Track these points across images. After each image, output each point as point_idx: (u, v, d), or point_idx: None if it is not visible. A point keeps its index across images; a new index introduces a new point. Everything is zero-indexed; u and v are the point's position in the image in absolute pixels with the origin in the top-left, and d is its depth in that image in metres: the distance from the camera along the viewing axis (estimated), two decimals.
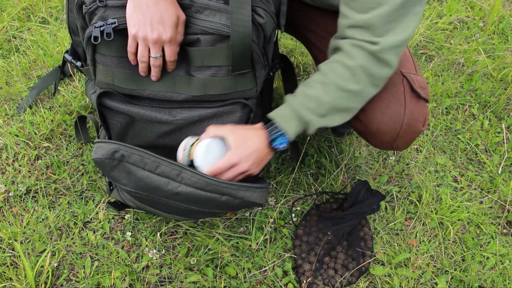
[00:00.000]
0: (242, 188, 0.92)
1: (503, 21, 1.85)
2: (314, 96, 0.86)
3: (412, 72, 0.94)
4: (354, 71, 0.84)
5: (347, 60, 0.84)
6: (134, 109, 0.89)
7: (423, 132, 1.04)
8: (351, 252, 1.09)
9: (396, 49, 0.82)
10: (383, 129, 0.92)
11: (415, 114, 0.91)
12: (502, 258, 1.15)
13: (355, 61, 0.83)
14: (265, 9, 0.84)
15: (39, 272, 1.03)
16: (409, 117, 0.91)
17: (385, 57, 0.82)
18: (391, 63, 0.83)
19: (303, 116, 0.87)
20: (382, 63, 0.83)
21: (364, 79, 0.84)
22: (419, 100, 0.93)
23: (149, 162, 0.89)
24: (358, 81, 0.84)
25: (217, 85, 0.85)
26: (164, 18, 0.76)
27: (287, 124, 0.88)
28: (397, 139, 0.94)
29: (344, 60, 0.84)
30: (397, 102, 0.91)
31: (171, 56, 0.81)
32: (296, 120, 0.88)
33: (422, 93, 0.92)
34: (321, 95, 0.86)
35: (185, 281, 1.04)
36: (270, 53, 0.93)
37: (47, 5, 1.74)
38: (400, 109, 0.90)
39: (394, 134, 0.92)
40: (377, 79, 0.85)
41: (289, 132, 0.88)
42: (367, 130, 0.95)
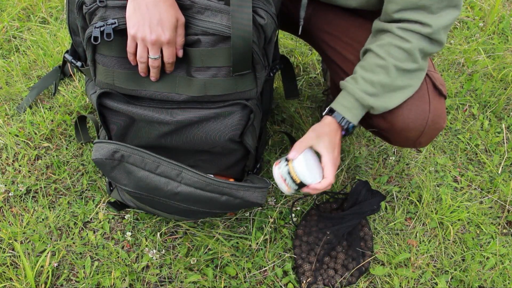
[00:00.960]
0: (242, 188, 0.92)
1: (503, 21, 1.86)
2: (376, 81, 0.91)
3: (432, 70, 0.97)
4: (412, 52, 0.88)
5: (403, 43, 0.88)
6: (134, 109, 0.88)
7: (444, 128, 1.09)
8: (351, 252, 1.09)
9: (447, 28, 0.88)
10: (409, 126, 0.94)
11: (438, 110, 0.94)
12: (502, 258, 1.15)
13: (410, 44, 0.88)
14: (266, 10, 0.84)
15: (39, 272, 1.03)
16: (433, 113, 0.93)
17: (437, 37, 0.87)
18: (442, 41, 0.89)
19: (367, 104, 0.92)
20: (435, 43, 0.89)
21: (419, 58, 0.89)
22: (441, 97, 0.96)
23: (149, 162, 0.89)
24: (415, 60, 0.89)
25: (217, 86, 0.85)
26: (163, 19, 0.76)
27: (352, 115, 0.93)
28: (421, 136, 0.96)
29: (399, 43, 0.89)
30: (422, 100, 0.93)
31: (169, 58, 0.81)
32: (360, 109, 0.93)
33: (443, 90, 0.96)
34: (383, 79, 0.90)
35: (185, 281, 1.04)
36: (270, 54, 0.93)
37: (47, 5, 1.74)
38: (425, 106, 0.93)
39: (420, 131, 0.95)
40: (429, 55, 0.91)
41: (355, 121, 0.94)
42: (392, 127, 0.97)
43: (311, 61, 1.61)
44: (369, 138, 1.39)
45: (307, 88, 1.52)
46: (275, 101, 1.45)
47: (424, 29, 0.87)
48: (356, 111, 0.93)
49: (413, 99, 0.93)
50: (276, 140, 1.35)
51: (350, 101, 0.93)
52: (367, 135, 1.39)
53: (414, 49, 0.88)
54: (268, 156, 1.31)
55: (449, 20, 0.87)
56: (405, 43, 0.88)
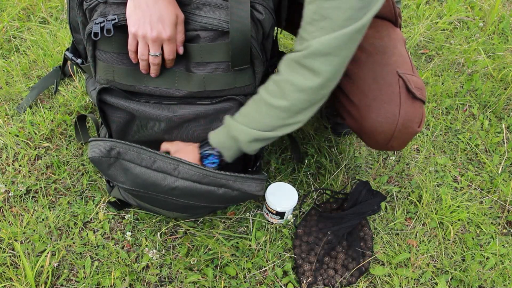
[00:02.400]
0: (239, 179, 0.92)
1: (503, 21, 1.86)
2: (246, 113, 0.86)
3: (409, 73, 0.93)
4: (280, 85, 0.81)
5: (277, 76, 0.83)
6: (134, 105, 0.89)
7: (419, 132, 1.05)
8: (351, 252, 1.09)
9: (324, 56, 0.76)
10: (377, 129, 0.92)
11: (410, 114, 0.90)
12: (502, 258, 1.15)
13: (280, 76, 0.81)
14: (264, 5, 0.84)
15: (39, 272, 1.03)
16: (404, 117, 0.90)
17: (309, 63, 0.77)
18: (318, 70, 0.77)
19: (233, 135, 0.87)
20: (307, 70, 0.78)
21: (292, 95, 0.81)
22: (415, 101, 0.92)
23: (146, 157, 0.89)
24: (285, 97, 0.81)
25: (217, 81, 0.85)
26: (163, 17, 0.77)
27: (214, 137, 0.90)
28: (391, 139, 0.93)
29: (275, 76, 0.83)
30: (392, 103, 0.90)
31: (170, 55, 0.82)
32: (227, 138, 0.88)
33: (418, 93, 0.91)
34: (254, 113, 0.85)
35: (185, 281, 1.04)
36: (269, 49, 0.94)
37: (47, 5, 1.74)
38: (395, 109, 0.90)
39: (389, 134, 0.92)
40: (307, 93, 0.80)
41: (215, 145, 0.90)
42: (361, 129, 0.95)
43: None
44: None
45: None
46: None
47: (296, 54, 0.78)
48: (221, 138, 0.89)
49: (383, 102, 0.90)
50: (276, 140, 1.35)
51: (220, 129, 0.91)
52: None
53: (281, 81, 0.81)
54: (268, 156, 1.31)
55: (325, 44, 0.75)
56: (277, 75, 0.82)
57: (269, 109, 0.83)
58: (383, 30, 0.99)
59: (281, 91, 0.81)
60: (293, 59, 0.79)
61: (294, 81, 0.80)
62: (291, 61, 0.80)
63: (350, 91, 0.95)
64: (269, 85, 0.84)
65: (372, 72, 0.93)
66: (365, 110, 0.91)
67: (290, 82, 0.80)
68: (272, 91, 0.83)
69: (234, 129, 0.87)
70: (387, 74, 0.91)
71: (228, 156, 0.91)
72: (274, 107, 0.83)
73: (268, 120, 0.84)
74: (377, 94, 0.90)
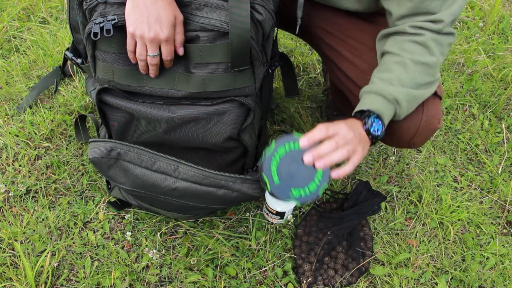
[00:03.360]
0: (239, 181, 0.92)
1: (503, 21, 1.86)
2: (394, 77, 0.86)
3: None
4: (427, 44, 0.87)
5: (417, 37, 0.87)
6: (134, 105, 0.89)
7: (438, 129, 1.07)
8: (351, 252, 1.09)
9: (455, 21, 0.87)
10: (402, 126, 0.93)
11: (432, 111, 0.93)
12: (502, 258, 1.15)
13: (424, 36, 0.86)
14: (264, 6, 0.84)
15: (39, 272, 1.03)
16: (427, 114, 0.92)
17: (448, 30, 0.87)
18: (453, 32, 0.88)
19: (389, 94, 0.84)
20: (446, 35, 0.88)
21: (436, 50, 0.87)
22: (435, 98, 0.94)
23: (146, 158, 0.89)
24: (432, 53, 0.87)
25: (216, 81, 0.85)
26: (161, 17, 0.77)
27: (373, 103, 0.85)
28: (415, 136, 0.95)
29: (413, 38, 0.87)
30: None
31: (167, 55, 0.82)
32: (382, 99, 0.85)
33: (438, 90, 0.94)
34: (401, 74, 0.86)
35: (185, 281, 1.04)
36: (269, 50, 0.94)
37: (47, 5, 1.74)
38: (419, 106, 0.92)
39: (413, 131, 0.94)
40: (445, 48, 0.89)
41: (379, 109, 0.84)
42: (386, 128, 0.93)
43: (311, 61, 1.61)
44: None
45: (307, 88, 1.52)
46: (275, 102, 1.44)
47: (435, 26, 0.86)
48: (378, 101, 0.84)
49: None
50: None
51: (368, 97, 0.86)
52: None
53: (428, 40, 0.86)
54: None
55: (455, 11, 0.86)
56: (418, 36, 0.87)
57: (419, 66, 0.87)
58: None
59: (427, 49, 0.86)
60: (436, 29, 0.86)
61: (438, 39, 0.87)
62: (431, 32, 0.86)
63: None
64: (408, 46, 0.87)
65: None
66: None
67: (436, 40, 0.87)
68: (417, 51, 0.87)
69: (390, 91, 0.85)
70: None
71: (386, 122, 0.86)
72: (423, 63, 0.87)
73: (419, 77, 0.87)
74: None
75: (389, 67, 0.87)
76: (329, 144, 0.79)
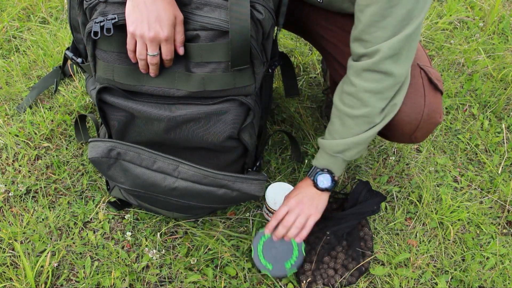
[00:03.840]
0: (239, 180, 0.92)
1: (503, 21, 1.86)
2: (335, 131, 0.95)
3: (428, 65, 0.97)
4: (359, 96, 0.89)
5: (349, 87, 0.90)
6: (134, 105, 0.88)
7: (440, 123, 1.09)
8: (351, 252, 1.09)
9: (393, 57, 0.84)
10: (404, 119, 0.94)
11: (434, 105, 0.94)
12: (502, 258, 1.15)
13: (355, 87, 0.89)
14: (264, 5, 0.84)
15: (39, 272, 1.03)
16: (428, 107, 0.93)
17: (382, 68, 0.85)
18: (390, 72, 0.86)
19: (330, 149, 0.97)
20: (380, 75, 0.86)
21: (371, 99, 0.89)
22: (436, 92, 0.95)
23: (146, 158, 0.89)
24: (366, 105, 0.89)
25: (216, 81, 0.85)
26: (161, 17, 0.77)
27: (318, 160, 1.00)
28: (416, 130, 0.96)
29: (347, 88, 0.91)
30: (417, 93, 0.93)
31: (167, 55, 0.82)
32: (326, 154, 0.98)
33: (439, 85, 0.95)
34: (339, 128, 0.94)
35: (185, 281, 1.04)
36: (269, 49, 0.93)
37: (47, 5, 1.74)
38: (420, 100, 0.93)
39: (415, 125, 0.95)
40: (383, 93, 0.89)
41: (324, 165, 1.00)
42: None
43: (311, 61, 1.61)
44: None
45: (307, 88, 1.52)
46: (275, 102, 1.44)
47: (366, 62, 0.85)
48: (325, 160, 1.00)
49: (408, 93, 0.93)
50: (276, 140, 1.35)
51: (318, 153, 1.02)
52: None
53: (359, 93, 0.88)
54: (268, 156, 1.31)
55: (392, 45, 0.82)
56: (351, 87, 0.90)
57: (354, 119, 0.91)
58: None
59: (359, 100, 0.89)
60: (364, 67, 0.86)
61: (369, 87, 0.87)
62: (362, 71, 0.87)
63: None
64: (345, 99, 0.92)
65: None
66: None
67: (366, 89, 0.87)
68: (351, 104, 0.91)
69: (331, 146, 0.96)
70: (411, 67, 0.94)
71: (337, 171, 1.00)
72: (357, 116, 0.91)
73: (357, 128, 0.92)
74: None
75: (332, 119, 0.97)
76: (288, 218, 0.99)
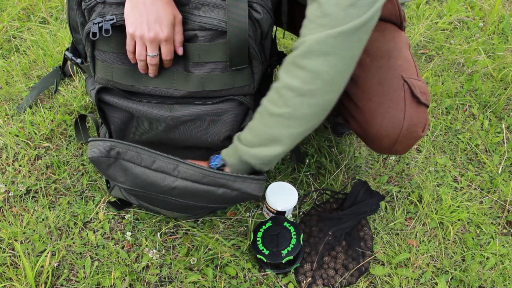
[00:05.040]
0: (239, 179, 0.92)
1: (503, 21, 1.86)
2: (252, 127, 0.86)
3: (414, 77, 0.93)
4: (280, 91, 0.79)
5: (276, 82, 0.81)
6: (133, 105, 0.89)
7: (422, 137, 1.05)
8: (351, 252, 1.09)
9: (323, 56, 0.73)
10: (382, 133, 0.92)
11: (414, 119, 0.90)
12: (502, 258, 1.15)
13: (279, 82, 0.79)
14: (262, 4, 0.84)
15: (39, 272, 1.03)
16: (408, 122, 0.90)
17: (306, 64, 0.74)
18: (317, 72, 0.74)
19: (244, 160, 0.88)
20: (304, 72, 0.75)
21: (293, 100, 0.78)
22: (419, 106, 0.91)
23: (145, 157, 0.89)
24: (286, 104, 0.78)
25: (215, 80, 0.85)
26: (161, 17, 0.77)
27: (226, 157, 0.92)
28: (396, 144, 0.93)
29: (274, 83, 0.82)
30: (397, 107, 0.90)
31: (167, 55, 0.82)
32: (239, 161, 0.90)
33: (423, 98, 0.91)
34: (258, 125, 0.84)
35: (185, 281, 1.04)
36: (267, 49, 0.94)
37: (47, 5, 1.74)
38: (400, 114, 0.90)
39: (393, 139, 0.92)
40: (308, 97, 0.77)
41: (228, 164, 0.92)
42: (366, 134, 0.95)
43: None
44: None
45: None
46: None
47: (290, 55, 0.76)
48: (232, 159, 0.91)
49: (388, 107, 0.90)
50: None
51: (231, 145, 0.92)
52: None
53: (281, 88, 0.78)
54: None
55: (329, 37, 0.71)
56: (277, 82, 0.80)
57: (273, 118, 0.80)
58: (388, 34, 0.99)
59: (281, 97, 0.78)
60: (289, 60, 0.77)
61: (292, 85, 0.76)
62: (288, 63, 0.77)
63: (354, 95, 0.95)
64: (270, 93, 0.82)
65: (377, 76, 0.93)
66: (370, 114, 0.91)
67: (289, 86, 0.77)
68: (273, 100, 0.80)
69: (243, 153, 0.87)
70: (392, 79, 0.91)
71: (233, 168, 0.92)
72: (277, 115, 0.79)
73: (275, 130, 0.81)
74: (382, 99, 0.90)
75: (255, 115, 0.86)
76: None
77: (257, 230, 1.07)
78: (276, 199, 1.11)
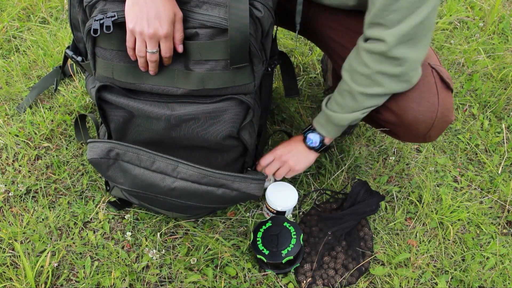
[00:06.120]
0: (238, 179, 0.92)
1: (503, 21, 1.86)
2: (344, 105, 0.97)
3: (438, 64, 0.97)
4: (372, 77, 0.90)
5: (363, 69, 0.91)
6: (133, 103, 0.88)
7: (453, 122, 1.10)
8: (351, 252, 1.09)
9: (406, 43, 0.84)
10: (419, 118, 0.94)
11: (446, 104, 0.95)
12: (502, 258, 1.15)
13: (369, 69, 0.90)
14: (263, 3, 0.84)
15: (39, 272, 1.03)
16: (442, 106, 0.94)
17: (395, 53, 0.85)
18: (400, 57, 0.86)
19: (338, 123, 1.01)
20: (392, 61, 0.87)
21: (384, 81, 0.90)
22: (448, 91, 0.96)
23: (145, 158, 0.89)
24: (379, 84, 0.91)
25: (215, 79, 0.85)
26: (161, 14, 0.77)
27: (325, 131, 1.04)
28: (431, 129, 0.96)
29: (360, 69, 0.92)
30: (431, 92, 0.93)
31: (167, 52, 0.82)
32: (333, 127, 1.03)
33: (450, 83, 0.96)
34: (349, 102, 0.96)
35: (185, 281, 1.04)
36: (268, 48, 0.93)
37: (47, 5, 1.74)
38: (434, 98, 0.93)
39: (429, 123, 0.95)
40: (395, 76, 0.89)
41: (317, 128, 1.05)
42: (401, 121, 0.97)
43: (311, 61, 1.61)
44: (369, 138, 1.39)
45: (307, 88, 1.52)
46: (275, 102, 1.44)
47: (379, 47, 0.86)
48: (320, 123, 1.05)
49: (422, 92, 0.93)
50: (276, 140, 1.35)
51: (320, 115, 1.05)
52: (367, 135, 1.39)
53: (373, 74, 0.90)
54: None
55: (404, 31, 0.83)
56: (365, 68, 0.90)
57: (367, 97, 0.94)
58: None
59: (373, 81, 0.91)
60: (379, 52, 0.87)
61: (384, 70, 0.88)
62: (377, 55, 0.88)
63: None
64: (358, 79, 0.93)
65: None
66: (405, 100, 0.94)
67: (381, 72, 0.89)
68: (365, 83, 0.92)
69: (342, 120, 0.99)
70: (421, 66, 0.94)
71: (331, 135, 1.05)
72: (371, 95, 0.93)
73: (368, 103, 0.95)
74: (414, 85, 0.93)
75: (342, 93, 0.98)
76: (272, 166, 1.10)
77: (257, 230, 1.07)
78: (276, 199, 1.11)
